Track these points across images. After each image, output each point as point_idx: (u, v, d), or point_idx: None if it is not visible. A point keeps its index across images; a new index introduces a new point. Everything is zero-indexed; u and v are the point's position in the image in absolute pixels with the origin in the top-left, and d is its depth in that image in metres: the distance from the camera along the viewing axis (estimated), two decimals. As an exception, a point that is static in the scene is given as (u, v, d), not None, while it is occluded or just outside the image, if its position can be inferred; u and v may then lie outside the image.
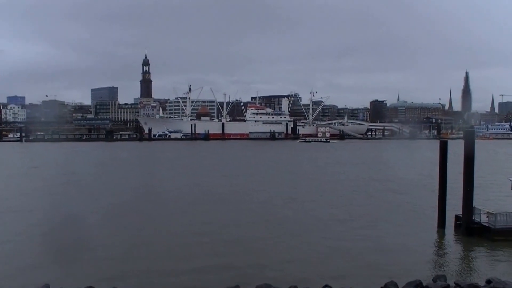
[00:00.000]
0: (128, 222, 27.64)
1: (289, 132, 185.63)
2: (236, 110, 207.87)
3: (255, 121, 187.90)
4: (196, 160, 77.51)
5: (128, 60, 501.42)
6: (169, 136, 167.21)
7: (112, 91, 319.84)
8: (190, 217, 29.08)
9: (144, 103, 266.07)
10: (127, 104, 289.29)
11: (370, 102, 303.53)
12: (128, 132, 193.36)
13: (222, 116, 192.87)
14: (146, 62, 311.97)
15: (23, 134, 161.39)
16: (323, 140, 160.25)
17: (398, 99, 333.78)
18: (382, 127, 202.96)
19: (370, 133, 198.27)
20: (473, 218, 23.45)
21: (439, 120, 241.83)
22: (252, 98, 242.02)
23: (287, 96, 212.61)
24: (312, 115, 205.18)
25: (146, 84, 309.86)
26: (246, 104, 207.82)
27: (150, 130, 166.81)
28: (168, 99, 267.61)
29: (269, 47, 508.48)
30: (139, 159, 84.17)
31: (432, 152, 42.79)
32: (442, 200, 25.22)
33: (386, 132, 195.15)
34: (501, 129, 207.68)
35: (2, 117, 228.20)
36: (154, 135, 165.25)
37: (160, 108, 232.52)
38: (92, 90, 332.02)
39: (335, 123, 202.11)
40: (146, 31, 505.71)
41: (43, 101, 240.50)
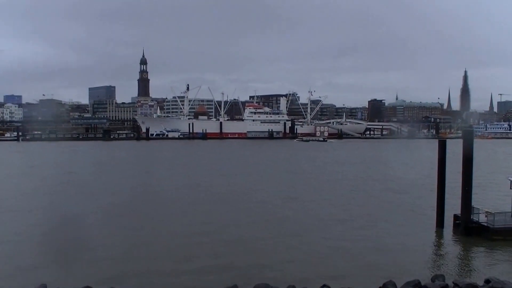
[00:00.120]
0: (127, 222, 27.58)
1: (287, 132, 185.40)
2: (234, 109, 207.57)
3: (253, 120, 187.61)
4: (194, 160, 77.44)
5: (126, 59, 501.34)
6: (167, 136, 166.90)
7: (110, 90, 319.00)
8: (189, 217, 29.06)
9: (142, 102, 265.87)
10: (125, 103, 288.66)
11: (369, 102, 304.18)
12: (126, 132, 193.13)
13: (220, 115, 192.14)
14: (144, 61, 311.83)
15: (20, 134, 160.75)
16: (321, 140, 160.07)
17: (397, 98, 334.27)
18: (381, 127, 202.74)
19: (369, 133, 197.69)
20: (472, 218, 23.46)
21: (438, 120, 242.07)
22: (250, 97, 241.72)
23: (285, 95, 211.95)
24: (310, 115, 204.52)
25: (144, 83, 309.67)
26: (244, 103, 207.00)
27: (148, 130, 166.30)
28: (166, 98, 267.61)
29: (268, 47, 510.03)
30: (137, 159, 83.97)
31: (431, 152, 42.97)
32: (441, 200, 25.28)
33: (385, 132, 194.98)
34: (500, 129, 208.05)
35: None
36: (152, 135, 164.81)
37: (158, 107, 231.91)
38: (90, 89, 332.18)
39: (334, 123, 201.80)
40: (144, 30, 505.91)
41: (40, 100, 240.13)
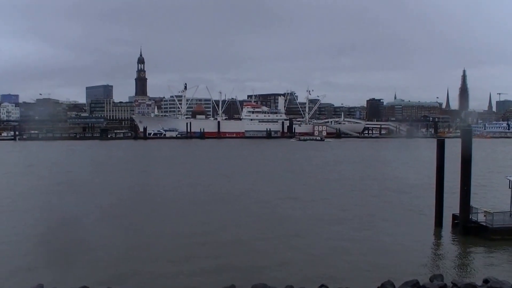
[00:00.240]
0: (125, 222, 27.44)
1: (285, 131, 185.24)
2: (232, 109, 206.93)
3: (251, 120, 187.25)
4: (192, 159, 77.27)
5: (123, 58, 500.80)
6: (164, 135, 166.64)
7: (107, 89, 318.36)
8: (188, 217, 28.94)
9: (139, 102, 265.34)
10: (122, 103, 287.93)
11: (367, 101, 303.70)
12: (123, 131, 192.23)
13: (218, 115, 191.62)
14: (141, 60, 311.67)
15: (17, 133, 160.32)
16: (319, 139, 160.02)
17: (395, 98, 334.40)
18: (379, 126, 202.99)
19: (367, 132, 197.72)
20: (471, 217, 23.43)
21: (436, 119, 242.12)
22: (248, 97, 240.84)
23: (283, 95, 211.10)
24: (309, 114, 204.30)
25: (141, 82, 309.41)
26: (242, 103, 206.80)
27: (145, 129, 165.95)
28: (163, 98, 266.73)
29: (266, 46, 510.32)
30: (135, 158, 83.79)
31: (429, 151, 42.99)
32: (440, 199, 25.27)
33: (383, 131, 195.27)
34: (499, 128, 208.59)
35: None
36: (149, 134, 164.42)
37: (155, 107, 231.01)
38: (87, 88, 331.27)
39: (332, 122, 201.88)
40: (142, 29, 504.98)
41: (37, 100, 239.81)
